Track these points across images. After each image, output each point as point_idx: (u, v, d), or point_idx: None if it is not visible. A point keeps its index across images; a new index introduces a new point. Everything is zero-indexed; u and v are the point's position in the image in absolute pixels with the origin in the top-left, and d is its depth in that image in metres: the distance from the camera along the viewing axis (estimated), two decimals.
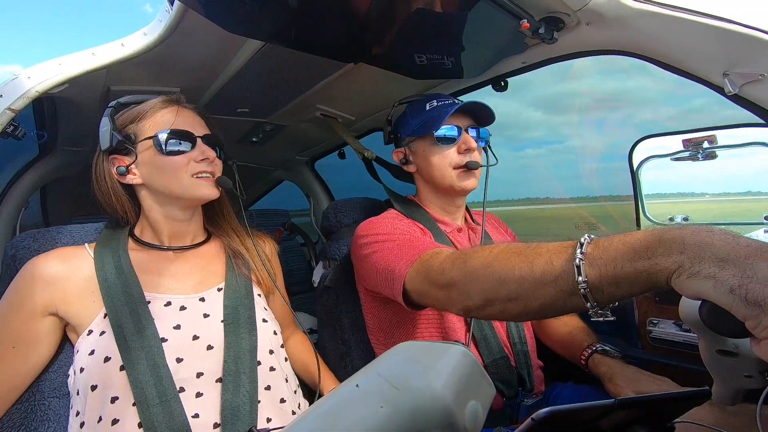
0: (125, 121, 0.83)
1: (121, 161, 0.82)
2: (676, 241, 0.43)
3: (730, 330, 0.40)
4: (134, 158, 0.81)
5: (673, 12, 0.81)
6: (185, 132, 0.82)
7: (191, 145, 0.82)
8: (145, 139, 0.81)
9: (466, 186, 1.06)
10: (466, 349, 0.31)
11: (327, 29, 0.89)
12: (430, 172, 1.08)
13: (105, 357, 0.71)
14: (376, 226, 0.97)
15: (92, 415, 0.70)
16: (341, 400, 0.28)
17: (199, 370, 0.75)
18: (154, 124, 0.81)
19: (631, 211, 1.47)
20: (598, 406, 0.45)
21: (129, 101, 0.85)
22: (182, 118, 0.84)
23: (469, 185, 1.06)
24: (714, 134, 1.26)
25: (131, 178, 0.82)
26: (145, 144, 0.81)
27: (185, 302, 0.80)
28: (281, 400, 0.82)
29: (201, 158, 0.82)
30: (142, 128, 0.82)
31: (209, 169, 0.83)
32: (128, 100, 0.85)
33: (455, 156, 1.05)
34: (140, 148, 0.81)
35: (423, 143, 1.08)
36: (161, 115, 0.82)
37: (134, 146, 0.81)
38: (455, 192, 1.08)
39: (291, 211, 2.41)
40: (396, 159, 1.17)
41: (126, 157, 0.82)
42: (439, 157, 1.05)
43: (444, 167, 1.05)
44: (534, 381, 1.02)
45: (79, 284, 0.77)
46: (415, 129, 1.10)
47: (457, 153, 1.05)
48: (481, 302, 0.63)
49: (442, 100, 1.09)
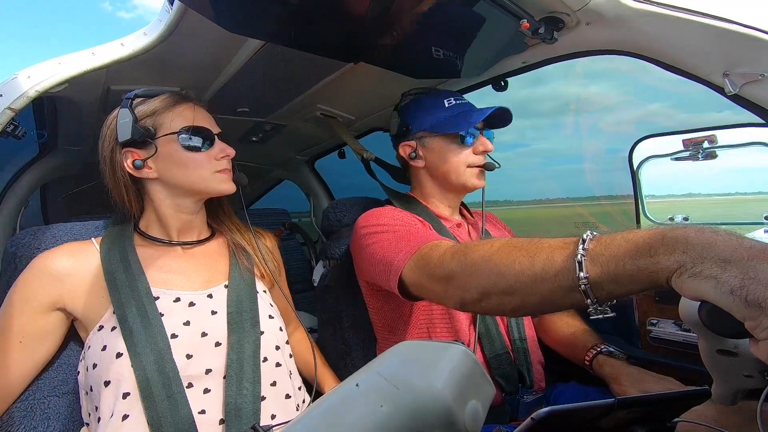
0: (143, 115, 0.81)
1: (136, 155, 0.81)
2: (679, 240, 0.43)
3: (729, 331, 0.40)
4: (153, 152, 0.80)
5: (673, 12, 0.81)
6: (205, 129, 0.83)
7: (210, 142, 0.84)
8: (167, 134, 0.81)
9: (479, 185, 1.11)
10: (466, 349, 0.31)
11: (327, 29, 0.89)
12: (443, 169, 1.09)
13: (117, 353, 0.71)
14: (376, 217, 0.98)
15: (106, 411, 0.70)
16: (341, 399, 0.28)
17: (208, 367, 0.75)
18: (174, 120, 0.81)
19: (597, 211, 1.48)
20: (598, 406, 0.45)
21: (146, 94, 0.84)
22: (199, 115, 0.85)
23: (480, 184, 1.11)
24: (714, 134, 1.26)
25: (147, 172, 0.81)
26: (167, 139, 0.81)
27: (194, 298, 0.81)
28: (286, 396, 0.82)
29: (222, 155, 0.84)
30: (162, 123, 0.81)
31: (229, 166, 0.86)
32: (145, 92, 0.84)
33: (472, 156, 1.08)
34: (160, 143, 0.80)
35: (440, 140, 1.09)
36: (179, 111, 0.83)
37: (154, 140, 0.80)
38: (467, 189, 1.12)
39: (291, 213, 2.41)
40: (403, 153, 1.15)
41: (141, 151, 0.81)
42: (457, 155, 1.08)
43: (460, 165, 1.08)
44: (534, 378, 1.02)
45: (88, 279, 0.77)
46: (432, 125, 1.10)
47: (474, 153, 1.08)
48: (478, 295, 0.63)
49: (458, 99, 1.12)
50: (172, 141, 0.81)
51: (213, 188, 0.84)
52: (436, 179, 1.13)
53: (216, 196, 0.89)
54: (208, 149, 0.83)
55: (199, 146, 0.82)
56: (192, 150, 0.81)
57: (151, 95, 0.84)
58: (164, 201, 0.84)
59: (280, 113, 1.51)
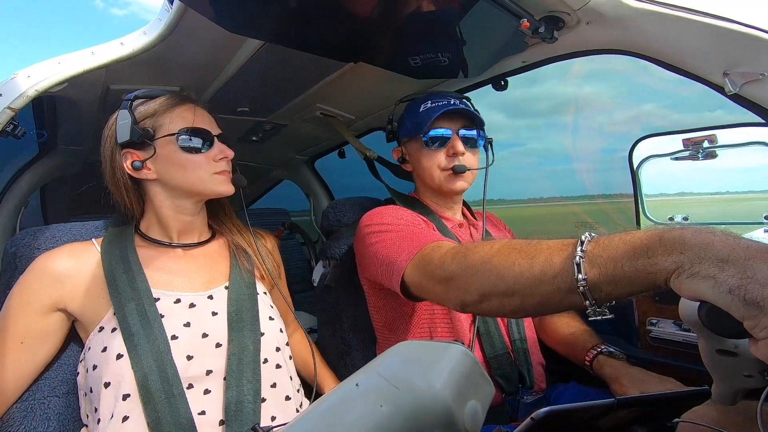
0: (143, 116, 0.81)
1: (136, 156, 0.80)
2: (677, 241, 0.43)
3: (729, 331, 0.40)
4: (152, 153, 0.80)
5: (673, 11, 0.81)
6: (204, 131, 0.83)
7: (210, 143, 0.83)
8: (165, 136, 0.80)
9: (454, 188, 1.07)
10: (465, 349, 0.31)
11: (327, 28, 0.89)
12: (421, 173, 1.11)
13: (117, 354, 0.71)
14: (380, 216, 0.98)
15: (106, 413, 0.70)
16: (341, 399, 0.28)
17: (209, 368, 0.75)
18: (173, 121, 0.81)
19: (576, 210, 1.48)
20: (598, 406, 0.45)
21: (147, 95, 0.84)
22: (199, 116, 0.84)
23: (457, 188, 1.07)
24: (714, 134, 1.26)
25: (146, 173, 0.81)
26: (166, 140, 0.80)
27: (194, 300, 0.81)
28: (286, 398, 0.82)
29: (220, 157, 0.84)
30: (161, 124, 0.81)
31: (228, 168, 0.86)
32: (146, 93, 0.84)
33: (443, 159, 1.06)
34: (159, 144, 0.80)
35: (415, 144, 1.10)
36: (179, 113, 0.82)
37: (153, 141, 0.80)
38: (444, 193, 1.10)
39: (291, 213, 2.41)
40: (395, 157, 1.19)
41: (141, 152, 0.80)
42: (428, 159, 1.07)
43: (432, 169, 1.07)
44: (534, 378, 1.02)
45: (88, 280, 0.77)
46: (408, 130, 1.11)
47: (446, 156, 1.06)
48: (478, 297, 0.63)
49: (436, 101, 1.09)
50: (171, 142, 0.80)
51: (211, 190, 0.84)
52: (422, 183, 1.14)
53: (215, 198, 0.88)
54: (207, 150, 0.83)
55: (198, 147, 0.82)
56: (190, 151, 0.81)
57: (152, 96, 0.83)
58: (164, 202, 0.84)
59: (280, 113, 1.51)
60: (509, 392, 0.98)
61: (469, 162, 1.07)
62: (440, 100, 1.09)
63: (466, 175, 1.07)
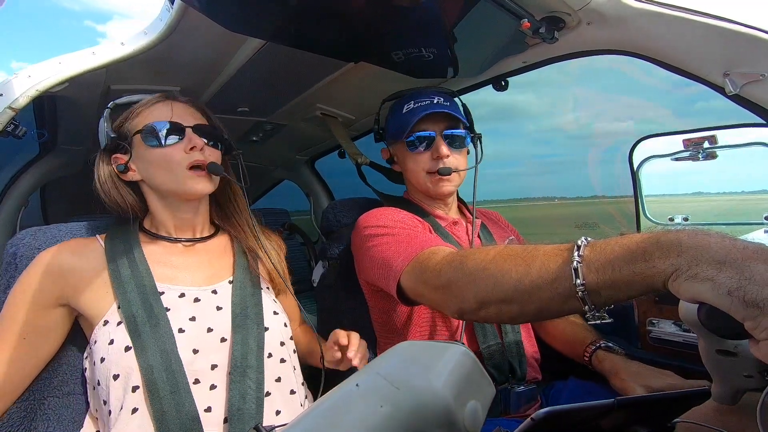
0: (122, 120, 0.83)
1: (121, 159, 0.82)
2: (673, 243, 0.43)
3: (729, 332, 0.40)
4: (130, 155, 0.81)
5: (673, 12, 0.81)
6: (173, 123, 0.80)
7: (180, 136, 0.80)
8: (135, 134, 0.80)
9: (441, 191, 1.05)
10: (466, 349, 0.31)
11: (327, 28, 0.89)
12: (408, 176, 1.10)
13: (126, 346, 0.72)
14: (377, 217, 0.97)
15: (116, 404, 0.70)
16: (341, 399, 0.28)
17: (214, 362, 0.76)
18: (145, 119, 0.81)
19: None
20: (598, 406, 0.45)
21: (125, 102, 0.85)
22: (178, 110, 0.83)
23: (444, 190, 1.05)
24: (714, 134, 1.26)
25: (132, 174, 0.82)
26: (135, 139, 0.81)
27: (199, 294, 0.81)
28: (291, 392, 0.82)
29: (190, 147, 0.79)
30: (135, 124, 0.81)
31: (200, 158, 0.80)
32: (124, 100, 0.85)
33: (428, 162, 1.04)
34: (133, 145, 0.81)
35: (400, 147, 1.09)
36: (152, 111, 0.82)
37: (129, 143, 0.81)
38: (431, 196, 1.09)
39: (291, 213, 2.41)
40: (384, 158, 1.17)
41: (125, 155, 0.82)
42: (413, 162, 1.06)
43: (417, 172, 1.06)
44: (525, 369, 1.01)
45: (92, 275, 0.77)
46: (391, 133, 1.10)
47: (431, 159, 1.04)
48: (476, 305, 0.63)
49: (419, 101, 1.06)
50: (138, 140, 0.80)
51: (184, 189, 0.80)
52: (411, 184, 1.12)
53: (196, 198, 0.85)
54: (177, 143, 0.79)
55: (162, 140, 0.79)
56: (158, 146, 0.79)
57: (131, 102, 0.84)
58: (155, 201, 0.85)
59: (280, 113, 1.51)
60: (500, 382, 0.98)
61: (455, 163, 1.04)
62: (423, 100, 1.06)
63: (452, 177, 1.04)
